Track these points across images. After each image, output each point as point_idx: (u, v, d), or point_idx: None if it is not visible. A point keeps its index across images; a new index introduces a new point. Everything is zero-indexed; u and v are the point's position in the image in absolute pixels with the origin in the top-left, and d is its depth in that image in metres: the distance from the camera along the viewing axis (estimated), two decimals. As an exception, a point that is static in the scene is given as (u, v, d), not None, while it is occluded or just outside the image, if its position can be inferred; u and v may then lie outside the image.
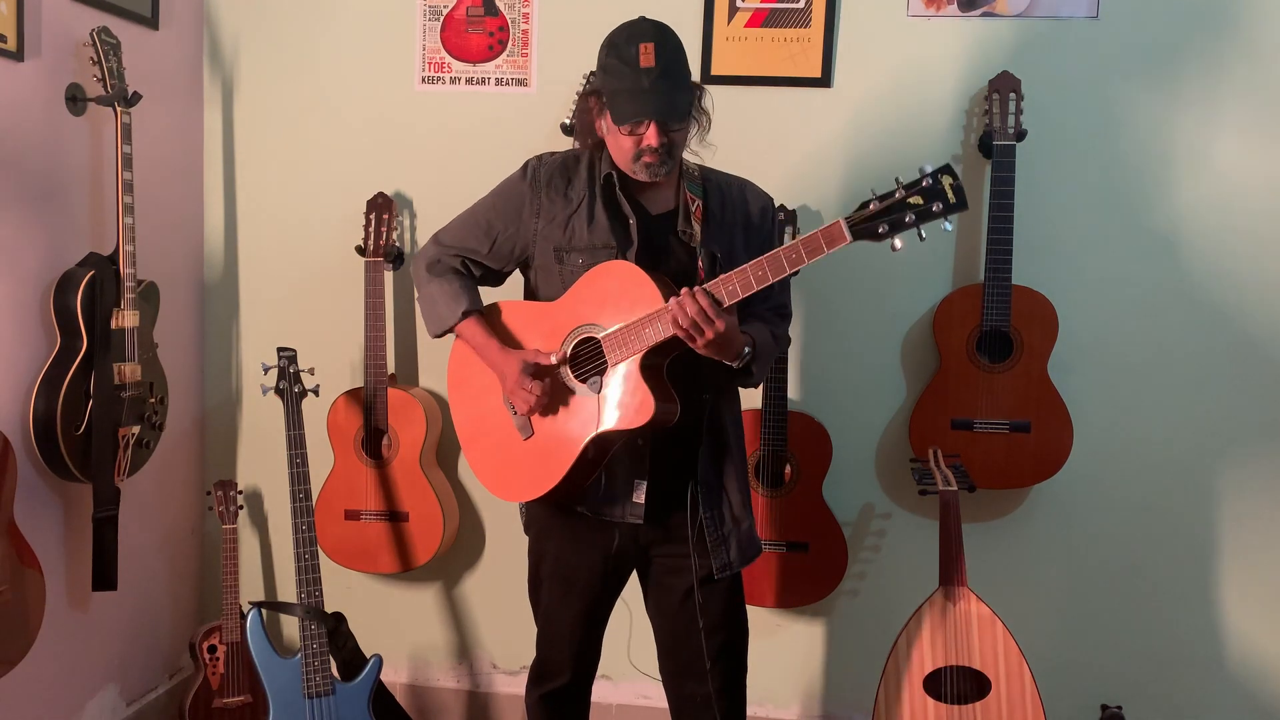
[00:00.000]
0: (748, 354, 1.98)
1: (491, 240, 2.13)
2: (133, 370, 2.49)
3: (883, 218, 1.78)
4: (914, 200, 1.77)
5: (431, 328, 2.17)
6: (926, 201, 1.76)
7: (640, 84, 1.92)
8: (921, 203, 1.76)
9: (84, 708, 2.72)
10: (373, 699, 2.66)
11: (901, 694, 2.45)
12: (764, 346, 2.05)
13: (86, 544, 2.56)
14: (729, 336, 1.89)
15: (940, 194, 1.76)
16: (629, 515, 2.08)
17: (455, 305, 2.11)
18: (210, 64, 3.07)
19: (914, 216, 1.77)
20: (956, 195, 1.76)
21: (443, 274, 2.16)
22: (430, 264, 2.18)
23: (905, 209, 1.77)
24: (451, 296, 2.12)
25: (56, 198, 2.49)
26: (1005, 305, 2.63)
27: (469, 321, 2.11)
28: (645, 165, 1.98)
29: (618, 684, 3.00)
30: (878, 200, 1.79)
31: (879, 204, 1.78)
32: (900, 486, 2.89)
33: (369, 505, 2.90)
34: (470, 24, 2.95)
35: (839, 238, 1.79)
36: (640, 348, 1.93)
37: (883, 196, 1.78)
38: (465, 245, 2.16)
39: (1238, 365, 2.73)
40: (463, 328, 2.12)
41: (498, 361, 2.07)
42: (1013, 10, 2.74)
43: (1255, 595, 2.78)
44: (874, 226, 1.78)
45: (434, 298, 2.15)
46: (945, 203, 1.76)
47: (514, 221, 2.11)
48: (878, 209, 1.78)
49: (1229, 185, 2.70)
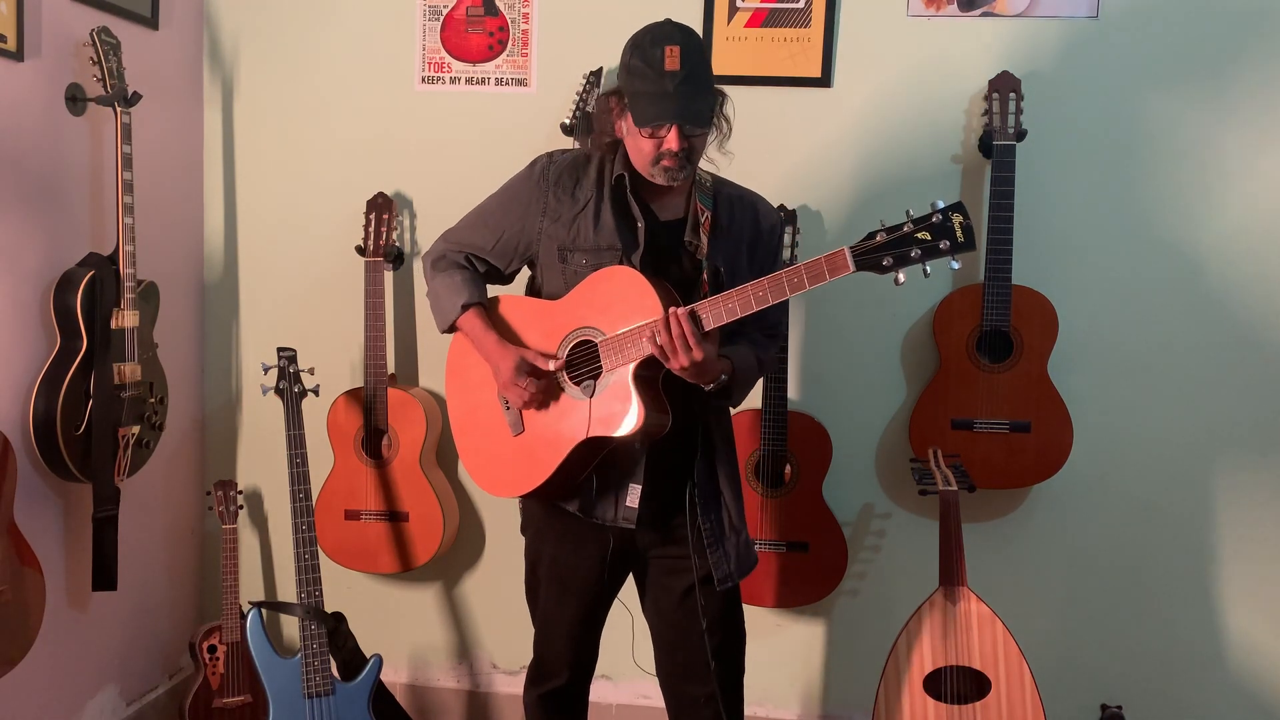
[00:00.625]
0: (723, 380, 1.98)
1: (497, 237, 2.13)
2: (133, 370, 2.49)
3: (888, 250, 1.76)
4: (922, 235, 1.74)
5: (438, 322, 2.17)
6: (934, 239, 1.74)
7: (664, 88, 1.90)
8: (929, 239, 1.74)
9: (84, 708, 2.72)
10: (373, 699, 2.66)
11: (901, 694, 2.45)
12: (744, 372, 2.05)
13: (86, 544, 2.56)
14: (705, 366, 1.89)
15: (949, 232, 1.74)
16: (621, 519, 2.07)
17: (456, 298, 2.12)
18: (210, 64, 3.07)
19: (920, 253, 1.75)
20: (965, 235, 1.74)
21: (447, 269, 2.16)
22: (436, 260, 2.19)
23: (912, 244, 1.75)
24: (454, 290, 2.12)
25: (56, 198, 2.49)
26: (1005, 305, 2.63)
27: (469, 314, 2.11)
28: (664, 169, 1.97)
29: (618, 684, 3.00)
30: (885, 232, 1.77)
31: (886, 235, 1.76)
32: (900, 486, 2.89)
33: (369, 505, 2.90)
34: (470, 24, 2.95)
35: (842, 267, 1.78)
36: (635, 356, 1.93)
37: (891, 229, 1.76)
38: (471, 241, 2.16)
39: (1238, 365, 2.73)
40: (463, 320, 2.12)
41: (494, 355, 2.07)
42: (1013, 10, 2.74)
43: (1255, 595, 2.78)
44: (879, 259, 1.76)
45: (438, 292, 2.16)
46: (953, 241, 1.74)
47: (519, 219, 2.11)
48: (884, 240, 1.76)
49: (1229, 184, 2.70)
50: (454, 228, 2.20)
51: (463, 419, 2.19)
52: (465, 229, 2.18)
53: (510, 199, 2.14)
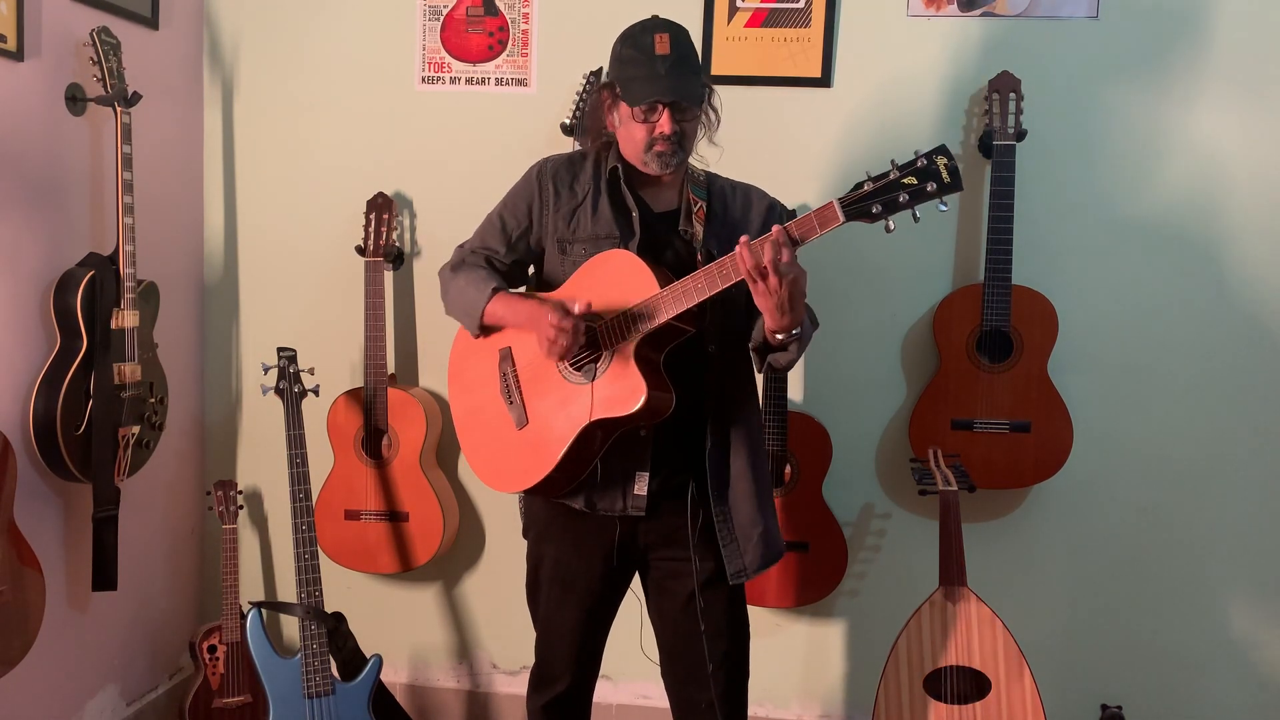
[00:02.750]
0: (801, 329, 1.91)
1: (508, 239, 2.15)
2: (133, 370, 2.49)
3: (876, 197, 1.77)
4: (908, 180, 1.76)
5: (469, 321, 2.12)
6: (921, 182, 1.75)
7: (656, 69, 1.94)
8: (916, 183, 1.75)
9: (84, 708, 2.72)
10: (373, 699, 2.66)
11: (901, 694, 2.45)
12: (809, 325, 2.02)
13: (86, 544, 2.56)
14: (800, 285, 1.83)
15: (935, 174, 1.75)
16: (630, 508, 2.06)
17: (485, 286, 2.09)
18: (210, 64, 3.07)
19: (908, 197, 1.75)
20: (951, 175, 1.75)
21: (468, 268, 2.15)
22: (455, 265, 2.18)
23: (899, 189, 1.76)
24: (479, 281, 2.11)
25: (56, 198, 2.49)
26: (1005, 305, 2.63)
27: (499, 296, 2.08)
28: (657, 155, 1.99)
29: (618, 684, 3.00)
30: (872, 181, 1.78)
31: (873, 184, 1.77)
32: (900, 486, 2.89)
33: (369, 505, 2.90)
34: (470, 24, 2.95)
35: (832, 219, 1.79)
36: (636, 335, 1.93)
37: (877, 177, 1.78)
38: (485, 245, 2.18)
39: (1238, 365, 2.73)
40: (493, 304, 2.08)
41: (536, 315, 1.98)
42: (1013, 10, 2.74)
43: (1255, 595, 2.78)
44: (867, 206, 1.77)
45: (462, 287, 2.13)
46: (940, 183, 1.75)
47: (526, 216, 2.14)
48: (872, 189, 1.77)
49: (1230, 185, 2.70)
50: (467, 240, 2.21)
51: (466, 417, 2.19)
52: (478, 237, 2.20)
53: (515, 201, 2.16)
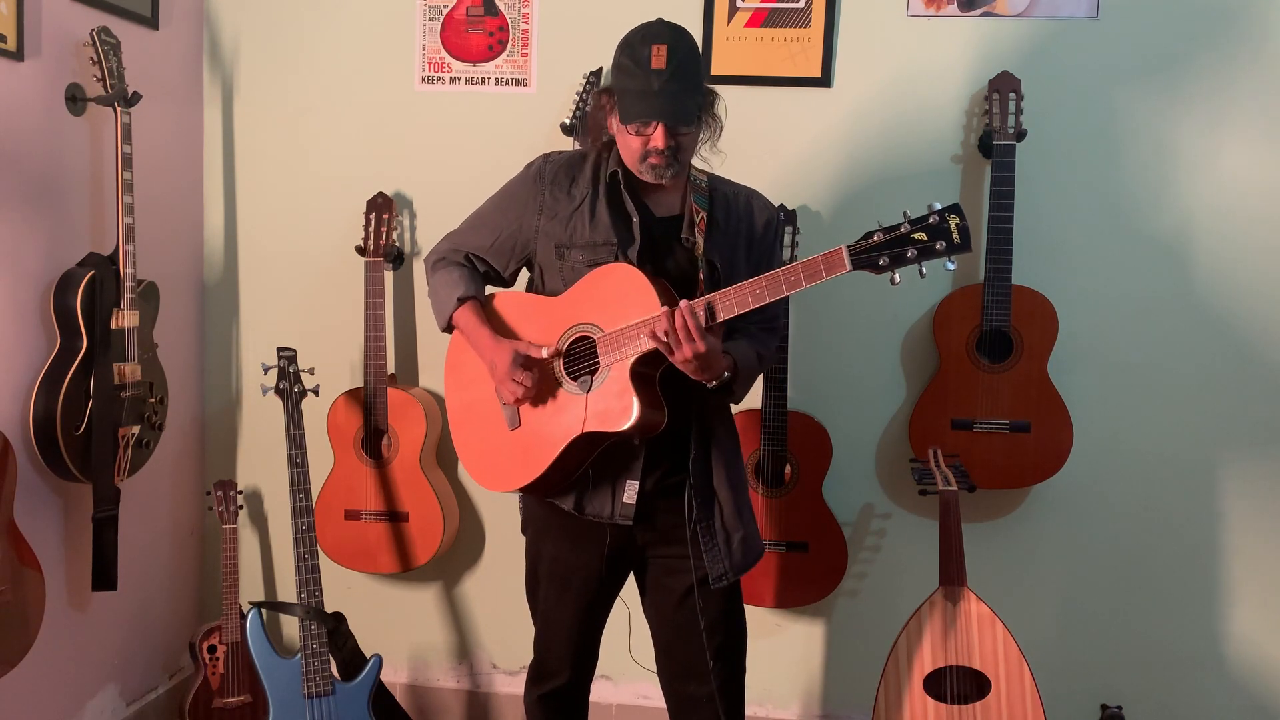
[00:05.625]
0: (726, 378, 1.98)
1: (494, 236, 2.14)
2: (133, 370, 2.49)
3: (884, 250, 1.78)
4: (918, 236, 1.76)
5: (437, 319, 2.18)
6: (931, 239, 1.76)
7: (650, 85, 1.92)
8: (925, 239, 1.76)
9: (84, 708, 2.72)
10: (373, 699, 2.66)
11: (901, 694, 2.45)
12: (746, 368, 2.04)
13: (86, 544, 2.56)
14: (709, 358, 1.89)
15: (946, 233, 1.76)
16: (618, 516, 2.07)
17: (453, 292, 2.13)
18: (210, 64, 3.07)
19: (916, 252, 1.76)
20: (961, 236, 1.75)
21: (446, 267, 2.18)
22: (437, 260, 2.21)
23: (908, 244, 1.77)
24: (451, 285, 2.14)
25: (56, 198, 2.49)
26: (1005, 305, 2.63)
27: (464, 309, 2.12)
28: (651, 166, 1.98)
29: (618, 684, 3.00)
30: (882, 232, 1.78)
31: (883, 235, 1.78)
32: (900, 486, 2.89)
33: (369, 505, 2.90)
34: (470, 24, 2.95)
35: (839, 265, 1.79)
36: (632, 353, 1.93)
37: (888, 229, 1.78)
38: (470, 241, 2.18)
39: (1238, 365, 2.73)
40: (458, 315, 2.13)
41: (489, 350, 2.07)
42: (1013, 10, 2.74)
43: (1255, 595, 2.78)
44: (875, 258, 1.78)
45: (436, 289, 2.18)
46: (950, 242, 1.76)
47: (516, 219, 2.12)
48: (881, 240, 1.78)
49: (1230, 185, 2.70)
50: (455, 230, 2.22)
51: (460, 413, 2.20)
52: (465, 230, 2.20)
53: (507, 199, 2.15)
